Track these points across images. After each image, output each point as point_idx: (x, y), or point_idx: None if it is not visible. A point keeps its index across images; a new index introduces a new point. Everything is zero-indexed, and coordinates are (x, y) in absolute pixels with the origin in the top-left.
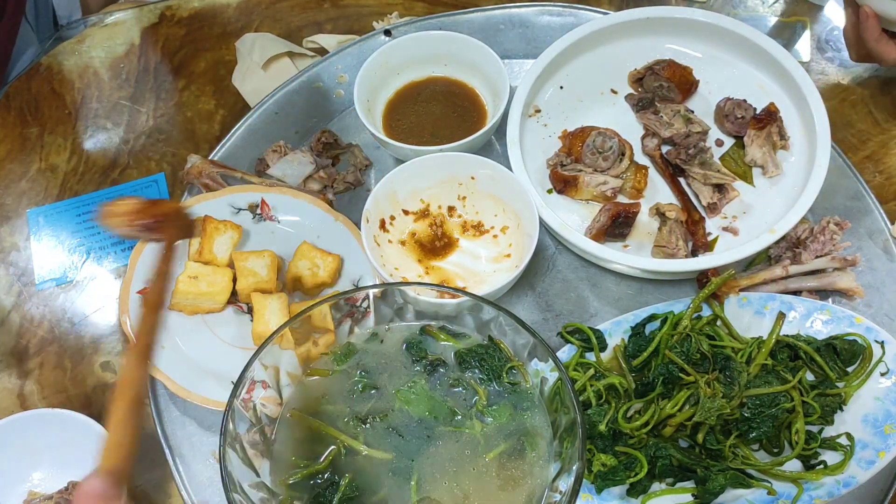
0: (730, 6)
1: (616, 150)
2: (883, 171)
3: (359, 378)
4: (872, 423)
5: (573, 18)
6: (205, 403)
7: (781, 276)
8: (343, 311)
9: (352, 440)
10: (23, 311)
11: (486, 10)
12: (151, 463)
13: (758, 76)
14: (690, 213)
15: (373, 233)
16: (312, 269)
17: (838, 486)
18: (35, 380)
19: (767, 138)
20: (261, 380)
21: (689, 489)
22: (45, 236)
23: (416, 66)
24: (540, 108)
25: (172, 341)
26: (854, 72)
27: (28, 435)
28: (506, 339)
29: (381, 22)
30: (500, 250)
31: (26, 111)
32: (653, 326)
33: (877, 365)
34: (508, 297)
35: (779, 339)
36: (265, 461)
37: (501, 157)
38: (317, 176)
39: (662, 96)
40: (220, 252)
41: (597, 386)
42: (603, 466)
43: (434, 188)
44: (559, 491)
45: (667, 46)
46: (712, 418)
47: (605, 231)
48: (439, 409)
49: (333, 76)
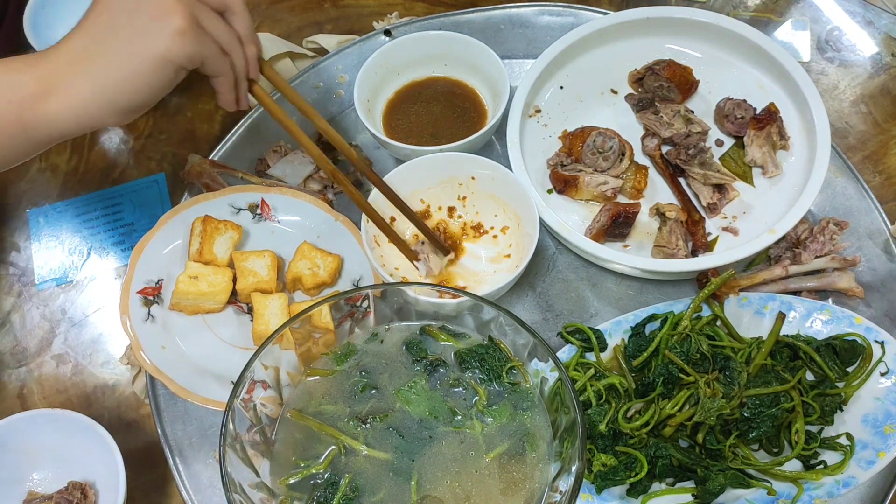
0: (730, 6)
1: (616, 150)
2: (883, 171)
3: (359, 378)
4: (872, 423)
5: (573, 18)
6: (205, 403)
7: (781, 276)
8: (343, 311)
9: (352, 440)
10: (23, 311)
11: (486, 10)
12: (151, 463)
13: (758, 76)
14: (690, 213)
15: (373, 233)
16: (312, 269)
17: (838, 486)
18: (35, 380)
19: (767, 138)
20: (261, 380)
21: (689, 489)
22: (45, 236)
23: (416, 66)
24: (540, 108)
25: (172, 341)
26: (854, 72)
27: (28, 435)
28: (506, 339)
29: (381, 22)
30: (500, 250)
31: None
32: (653, 326)
33: (877, 365)
34: (508, 297)
35: (779, 339)
36: (265, 461)
37: (501, 157)
38: (317, 176)
39: (662, 96)
40: (220, 252)
41: (597, 386)
42: (603, 466)
43: (434, 188)
44: (559, 491)
45: (667, 46)
46: (712, 418)
47: (605, 231)
48: (439, 409)
49: (333, 76)
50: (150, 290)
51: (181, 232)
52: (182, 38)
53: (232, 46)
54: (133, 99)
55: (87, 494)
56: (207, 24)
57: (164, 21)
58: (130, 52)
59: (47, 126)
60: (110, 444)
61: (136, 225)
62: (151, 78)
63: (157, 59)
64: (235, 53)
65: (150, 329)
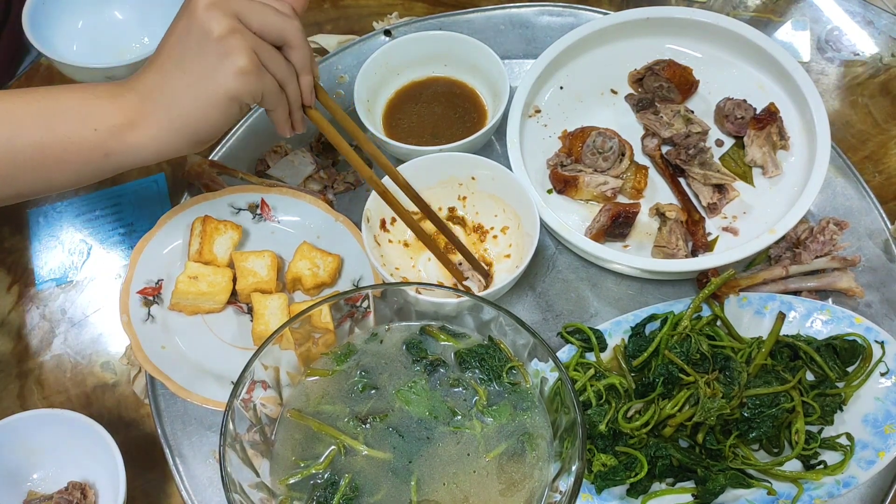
0: (730, 6)
1: (616, 151)
2: (883, 171)
3: (359, 378)
4: (872, 423)
5: (573, 18)
6: (205, 403)
7: (781, 276)
8: (343, 311)
9: (352, 440)
10: (23, 311)
11: (486, 10)
12: (151, 463)
13: (758, 76)
14: (690, 213)
15: (373, 233)
16: (312, 269)
17: (838, 486)
18: (35, 380)
19: (767, 138)
20: (261, 380)
21: (689, 489)
22: (45, 236)
23: (416, 66)
24: (540, 109)
25: (172, 341)
26: (854, 72)
27: (28, 435)
28: (506, 339)
29: (381, 22)
30: (500, 250)
31: None
32: (653, 326)
33: (877, 365)
34: (508, 297)
35: (779, 339)
36: (265, 461)
37: (501, 157)
38: (317, 176)
39: (662, 96)
40: (220, 252)
41: (597, 386)
42: (603, 466)
43: (434, 188)
44: (559, 491)
45: (667, 46)
46: (712, 418)
47: (605, 231)
48: (439, 410)
49: (333, 76)
50: (150, 290)
51: (181, 232)
52: (245, 77)
53: (288, 80)
54: (207, 131)
55: (87, 494)
56: (267, 62)
57: (229, 60)
58: (199, 90)
59: (129, 155)
60: (110, 444)
61: (136, 225)
62: (220, 113)
63: (223, 98)
64: (291, 86)
65: (149, 329)
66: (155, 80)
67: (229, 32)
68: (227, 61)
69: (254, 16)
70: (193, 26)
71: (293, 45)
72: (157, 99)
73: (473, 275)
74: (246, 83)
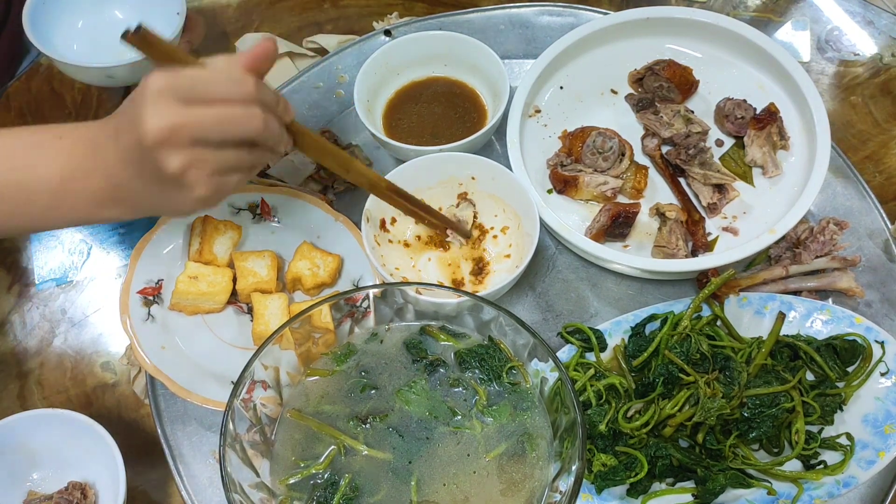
0: (730, 6)
1: (616, 151)
2: (883, 171)
3: (358, 378)
4: (872, 423)
5: (573, 18)
6: (205, 403)
7: (781, 276)
8: (343, 311)
9: (352, 440)
10: (23, 311)
11: (486, 10)
12: (151, 463)
13: (758, 76)
14: (690, 213)
15: (373, 233)
16: (312, 269)
17: (838, 486)
18: (35, 380)
19: (767, 138)
20: (261, 380)
21: (689, 489)
22: (45, 236)
23: (416, 66)
24: (540, 109)
25: (172, 341)
26: (854, 72)
27: (28, 435)
28: (506, 339)
29: (381, 22)
30: (499, 250)
31: (26, 111)
32: (653, 326)
33: (877, 365)
34: (508, 297)
35: (779, 339)
36: (265, 461)
37: (501, 157)
38: (317, 176)
39: (662, 96)
40: (220, 252)
41: (597, 386)
42: (603, 466)
43: (434, 188)
44: (559, 491)
45: (667, 46)
46: (712, 418)
47: (605, 231)
48: (439, 410)
49: (333, 76)
50: (150, 290)
51: (181, 232)
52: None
53: (258, 166)
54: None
55: (87, 494)
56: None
57: (188, 190)
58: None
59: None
60: (110, 444)
61: (136, 225)
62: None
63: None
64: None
65: (149, 329)
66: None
67: (185, 169)
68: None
69: (212, 135)
70: (146, 158)
71: (259, 142)
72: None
73: (454, 235)
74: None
